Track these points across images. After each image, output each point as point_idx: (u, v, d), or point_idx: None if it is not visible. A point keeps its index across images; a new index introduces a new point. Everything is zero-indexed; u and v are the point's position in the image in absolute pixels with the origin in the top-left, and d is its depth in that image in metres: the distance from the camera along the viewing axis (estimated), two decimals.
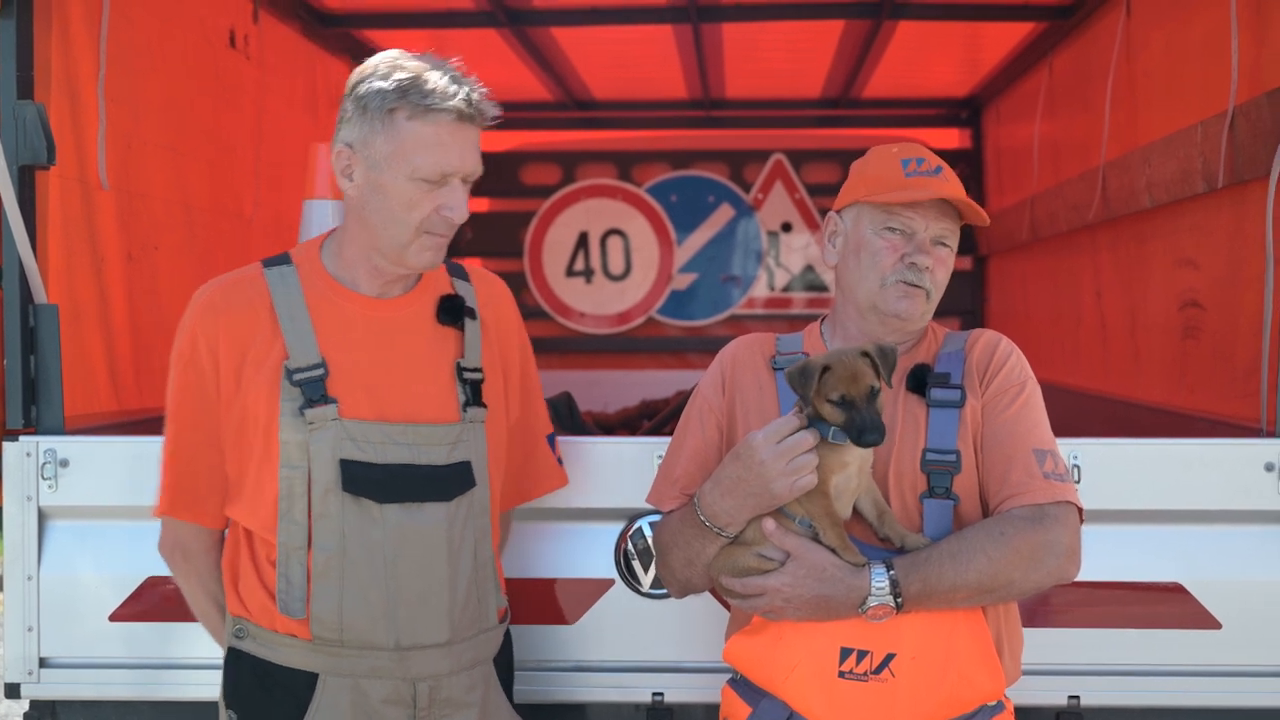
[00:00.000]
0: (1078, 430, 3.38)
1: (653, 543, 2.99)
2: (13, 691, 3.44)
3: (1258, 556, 3.35)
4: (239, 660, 2.78)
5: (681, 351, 8.24)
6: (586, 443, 3.43)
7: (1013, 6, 5.84)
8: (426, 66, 2.63)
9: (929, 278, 2.73)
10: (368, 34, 6.19)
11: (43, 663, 3.43)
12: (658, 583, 3.31)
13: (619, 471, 3.22)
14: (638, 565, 3.38)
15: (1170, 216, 4.55)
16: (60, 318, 3.51)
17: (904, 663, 2.55)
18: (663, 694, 3.41)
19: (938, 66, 7.07)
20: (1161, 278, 4.66)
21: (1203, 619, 3.34)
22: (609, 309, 8.22)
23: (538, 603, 3.39)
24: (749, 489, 2.56)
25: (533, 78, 6.97)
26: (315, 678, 2.70)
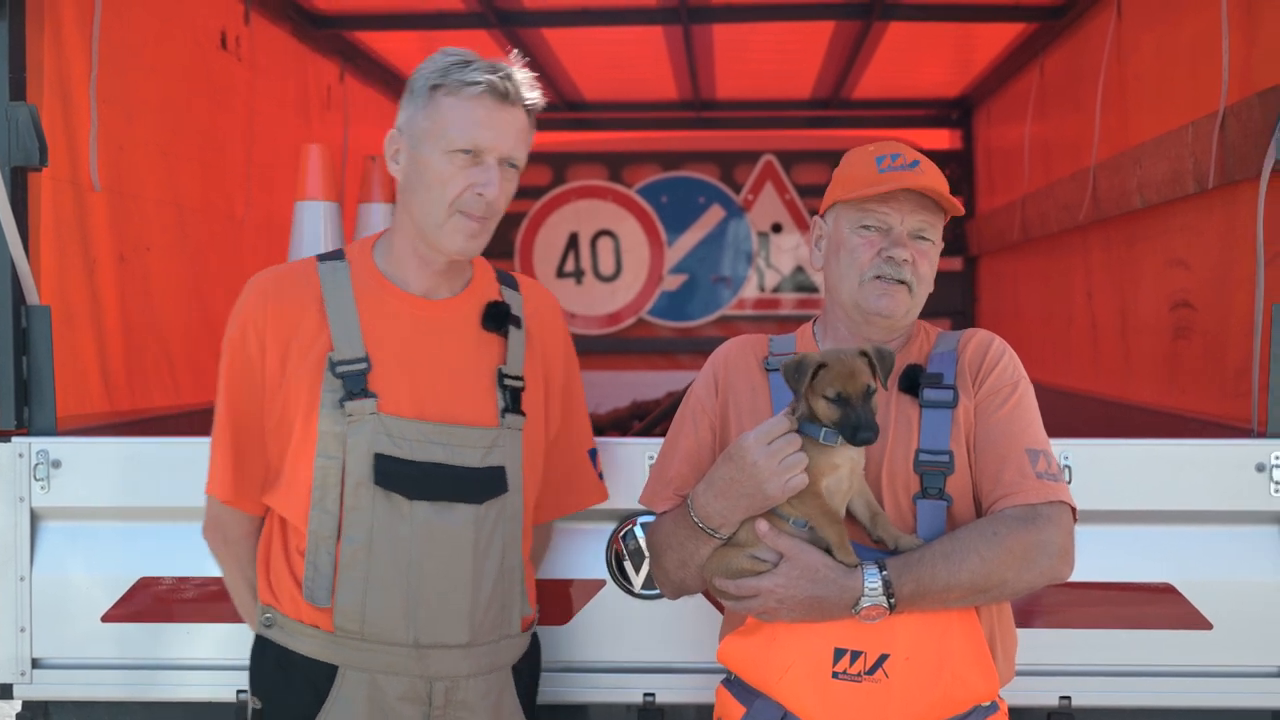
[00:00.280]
0: (1069, 431, 3.38)
1: (646, 544, 2.99)
2: (5, 692, 3.44)
3: (1248, 557, 3.36)
4: (265, 648, 2.81)
5: (672, 352, 8.24)
6: None
7: (1003, 7, 5.84)
8: (475, 56, 2.71)
9: (908, 270, 2.72)
10: (358, 35, 6.19)
11: (35, 663, 3.43)
12: (649, 583, 3.31)
13: (610, 472, 3.21)
14: (629, 566, 3.38)
15: (1161, 217, 4.56)
16: (52, 319, 3.51)
17: (898, 663, 2.55)
18: (654, 695, 3.41)
19: (928, 67, 7.07)
20: (1152, 278, 4.66)
21: (1194, 619, 3.35)
22: (599, 310, 8.23)
23: None
24: (742, 490, 2.57)
25: None
26: (335, 670, 2.72)
